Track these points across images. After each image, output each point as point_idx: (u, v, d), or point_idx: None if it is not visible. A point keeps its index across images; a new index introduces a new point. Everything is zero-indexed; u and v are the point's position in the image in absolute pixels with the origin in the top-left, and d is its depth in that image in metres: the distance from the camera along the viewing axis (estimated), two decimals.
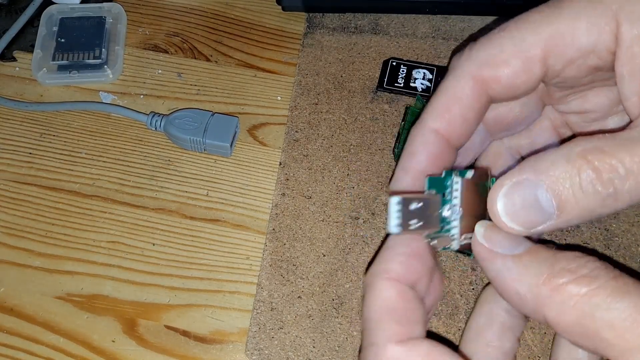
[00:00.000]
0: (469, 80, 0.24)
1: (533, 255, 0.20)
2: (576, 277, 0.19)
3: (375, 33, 0.42)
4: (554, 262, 0.20)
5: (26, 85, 0.40)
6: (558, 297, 0.19)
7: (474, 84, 0.24)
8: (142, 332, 0.32)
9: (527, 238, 0.22)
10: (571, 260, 0.19)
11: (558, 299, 0.19)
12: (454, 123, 0.24)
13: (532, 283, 0.20)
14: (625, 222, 0.35)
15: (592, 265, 0.19)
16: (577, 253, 0.20)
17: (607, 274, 0.19)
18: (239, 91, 0.40)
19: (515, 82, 0.23)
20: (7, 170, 0.37)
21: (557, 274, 0.19)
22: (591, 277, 0.19)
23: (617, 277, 0.18)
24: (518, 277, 0.20)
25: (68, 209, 0.36)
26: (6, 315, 0.33)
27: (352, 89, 0.40)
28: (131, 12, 0.43)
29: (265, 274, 0.34)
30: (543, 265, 0.20)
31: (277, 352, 0.31)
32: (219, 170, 0.37)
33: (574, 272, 0.19)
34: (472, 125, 0.25)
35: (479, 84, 0.24)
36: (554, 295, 0.19)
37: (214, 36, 0.43)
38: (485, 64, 0.23)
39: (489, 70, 0.23)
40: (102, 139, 0.38)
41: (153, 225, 0.35)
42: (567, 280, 0.19)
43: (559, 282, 0.19)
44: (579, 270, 0.19)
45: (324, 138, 0.38)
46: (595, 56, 0.22)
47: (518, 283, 0.20)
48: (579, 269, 0.19)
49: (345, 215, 0.35)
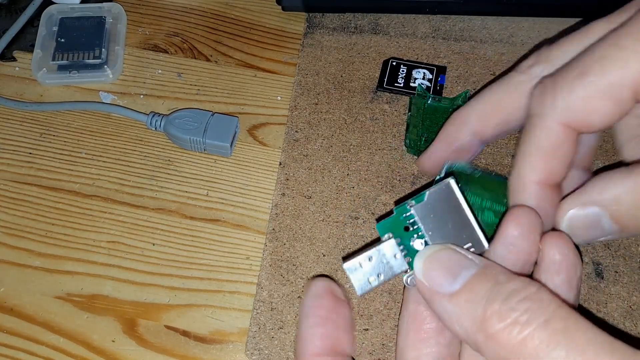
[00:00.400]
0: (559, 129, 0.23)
1: (470, 291, 0.20)
2: (507, 323, 0.18)
3: (375, 33, 0.42)
4: (489, 302, 0.19)
5: (26, 85, 0.40)
6: (492, 347, 0.18)
7: (565, 130, 0.23)
8: (142, 332, 0.32)
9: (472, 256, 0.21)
10: (505, 300, 0.19)
11: (493, 348, 0.18)
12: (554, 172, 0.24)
13: (469, 328, 0.19)
14: None
15: (524, 306, 0.18)
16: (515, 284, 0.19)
17: (538, 318, 0.18)
18: (239, 91, 0.40)
19: (608, 122, 0.23)
20: (7, 170, 0.37)
21: (489, 319, 0.19)
22: (521, 323, 0.18)
23: (549, 321, 0.18)
24: (456, 321, 0.20)
25: (68, 209, 0.36)
26: (6, 315, 0.33)
27: (352, 89, 0.40)
28: (131, 12, 0.43)
29: (265, 274, 0.34)
30: (478, 307, 0.19)
31: (277, 352, 0.31)
32: (219, 170, 0.37)
33: (505, 317, 0.18)
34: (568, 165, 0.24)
35: (569, 130, 0.23)
36: (489, 344, 0.19)
37: (214, 36, 0.43)
38: (574, 111, 0.22)
39: (579, 119, 0.22)
40: (102, 139, 0.38)
41: (153, 225, 0.35)
42: (499, 327, 0.18)
43: (491, 331, 0.18)
44: (509, 314, 0.18)
45: (324, 138, 0.38)
46: None
47: (457, 327, 0.20)
48: (510, 312, 0.18)
49: (345, 215, 0.35)
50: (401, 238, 0.23)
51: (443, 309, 0.20)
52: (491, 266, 0.21)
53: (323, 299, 0.23)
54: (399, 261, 0.23)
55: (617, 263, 0.34)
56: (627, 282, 0.33)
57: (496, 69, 0.40)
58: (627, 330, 0.32)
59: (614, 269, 0.33)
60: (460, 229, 0.23)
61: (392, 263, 0.23)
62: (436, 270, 0.21)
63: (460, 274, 0.20)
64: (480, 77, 0.40)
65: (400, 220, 0.23)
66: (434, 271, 0.21)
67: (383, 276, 0.23)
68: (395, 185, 0.36)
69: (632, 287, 0.33)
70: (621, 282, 0.33)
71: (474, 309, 0.19)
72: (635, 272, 0.33)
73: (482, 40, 0.42)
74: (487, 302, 0.19)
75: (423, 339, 0.23)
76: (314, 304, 0.23)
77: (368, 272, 0.23)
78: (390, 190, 0.36)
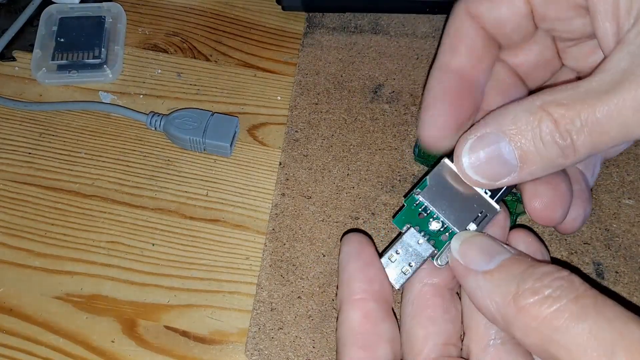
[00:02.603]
0: (465, 16, 0.25)
1: (504, 271, 0.21)
2: (539, 298, 0.19)
3: (375, 33, 0.42)
4: (522, 280, 0.20)
5: (25, 85, 0.40)
6: (522, 319, 0.19)
7: (470, 19, 0.25)
8: (142, 332, 0.32)
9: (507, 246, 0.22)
10: (538, 279, 0.20)
11: (522, 320, 0.19)
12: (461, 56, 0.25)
13: (500, 303, 0.20)
14: (625, 222, 0.35)
15: (556, 284, 0.19)
16: (548, 268, 0.20)
17: (569, 294, 0.19)
18: (239, 91, 0.40)
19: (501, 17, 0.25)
20: (6, 170, 0.37)
21: (522, 294, 0.19)
22: (553, 298, 0.19)
23: (579, 297, 0.19)
24: (488, 295, 0.21)
25: (67, 209, 0.36)
26: (6, 316, 0.33)
27: (352, 89, 0.40)
28: (131, 11, 0.43)
29: (265, 274, 0.33)
30: (512, 284, 0.20)
31: (277, 353, 0.31)
32: (218, 170, 0.37)
33: (537, 292, 0.19)
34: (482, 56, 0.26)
35: (474, 18, 0.25)
36: (519, 317, 0.19)
37: (214, 36, 0.42)
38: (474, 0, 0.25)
39: (477, 5, 0.25)
40: (101, 139, 0.38)
41: (152, 225, 0.35)
42: (531, 301, 0.19)
43: (523, 304, 0.19)
44: (542, 291, 0.19)
45: (324, 138, 0.38)
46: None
47: (488, 301, 0.21)
48: (543, 288, 0.19)
49: (345, 215, 0.35)
50: (419, 225, 0.24)
51: (476, 284, 0.21)
52: (524, 255, 0.22)
53: (365, 247, 0.24)
54: (424, 246, 0.24)
55: (617, 263, 0.33)
56: (627, 282, 0.33)
57: None
58: None
59: (614, 269, 0.33)
60: (470, 200, 0.24)
61: (418, 250, 0.24)
62: (473, 250, 0.22)
63: (495, 256, 0.21)
64: None
65: (413, 210, 0.25)
66: (471, 251, 0.22)
67: (414, 264, 0.24)
68: (396, 185, 0.36)
69: (633, 288, 0.33)
70: (622, 282, 0.33)
71: (508, 285, 0.20)
72: (636, 273, 0.33)
73: None
74: (520, 280, 0.20)
75: (430, 317, 0.24)
76: (356, 251, 0.24)
77: (400, 264, 0.24)
78: (390, 190, 0.36)
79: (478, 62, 0.26)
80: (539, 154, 0.21)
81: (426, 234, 0.24)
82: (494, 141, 0.22)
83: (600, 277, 0.33)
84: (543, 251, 0.25)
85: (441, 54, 0.26)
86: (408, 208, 0.25)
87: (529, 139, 0.21)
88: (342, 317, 0.23)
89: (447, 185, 0.24)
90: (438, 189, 0.24)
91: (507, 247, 0.22)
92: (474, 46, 0.25)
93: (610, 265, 0.33)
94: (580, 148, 0.21)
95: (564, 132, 0.20)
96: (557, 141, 0.21)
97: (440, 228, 0.24)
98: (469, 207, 0.24)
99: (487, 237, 0.23)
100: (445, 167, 0.25)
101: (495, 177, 0.22)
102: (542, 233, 0.34)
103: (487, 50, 0.26)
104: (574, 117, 0.20)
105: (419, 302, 0.24)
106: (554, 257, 0.34)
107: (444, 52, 0.26)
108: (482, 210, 0.24)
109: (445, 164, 0.25)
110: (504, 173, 0.22)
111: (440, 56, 0.26)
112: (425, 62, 0.40)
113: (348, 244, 0.25)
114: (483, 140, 0.22)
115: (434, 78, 0.25)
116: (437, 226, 0.24)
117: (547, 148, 0.21)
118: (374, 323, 0.23)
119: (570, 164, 0.21)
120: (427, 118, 0.25)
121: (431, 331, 0.23)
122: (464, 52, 0.25)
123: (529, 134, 0.21)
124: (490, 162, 0.22)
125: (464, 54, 0.25)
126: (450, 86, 0.25)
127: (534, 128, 0.21)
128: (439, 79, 0.25)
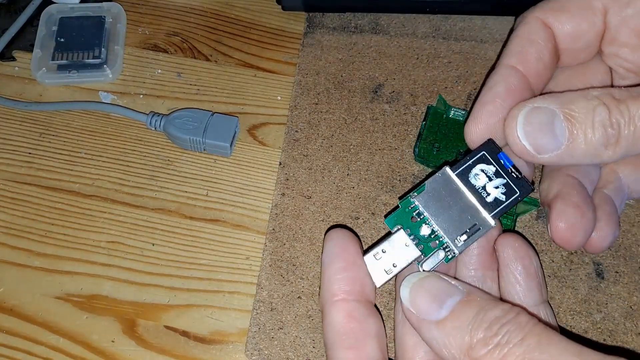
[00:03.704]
0: (539, 23, 0.26)
1: (456, 319, 0.21)
2: (489, 348, 0.20)
3: (375, 33, 0.42)
4: (474, 329, 0.20)
5: (25, 85, 0.40)
6: None
7: (544, 27, 0.26)
8: (142, 332, 0.32)
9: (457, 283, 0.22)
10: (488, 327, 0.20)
11: None
12: (529, 60, 0.26)
13: (456, 354, 0.21)
14: (625, 222, 0.35)
15: (504, 330, 0.20)
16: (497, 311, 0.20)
17: (516, 337, 0.19)
18: (239, 91, 0.40)
19: (579, 30, 0.26)
20: (6, 170, 0.37)
21: (475, 347, 0.20)
22: (502, 345, 0.19)
23: (524, 339, 0.19)
24: (444, 346, 0.21)
25: (68, 209, 0.36)
26: (6, 316, 0.33)
27: (352, 89, 0.40)
28: (131, 11, 0.43)
29: (265, 274, 0.33)
30: (464, 334, 0.20)
31: (277, 353, 0.31)
32: (218, 170, 0.37)
33: (488, 343, 0.20)
34: (547, 65, 0.26)
35: (547, 27, 0.26)
36: None
37: (214, 36, 0.42)
38: (551, 9, 0.26)
39: (554, 15, 0.26)
40: (101, 139, 0.38)
41: (153, 225, 0.35)
42: (482, 353, 0.20)
43: (476, 356, 0.20)
44: (492, 340, 0.20)
45: (324, 138, 0.38)
46: None
47: (445, 352, 0.21)
48: (493, 337, 0.20)
49: (345, 215, 0.35)
50: (410, 228, 0.24)
51: (431, 336, 0.21)
52: (474, 292, 0.22)
53: (347, 245, 0.24)
54: (411, 249, 0.24)
55: (617, 263, 0.33)
56: (627, 282, 0.33)
57: None
58: (627, 331, 0.32)
59: (614, 269, 0.33)
60: (464, 212, 0.24)
61: (405, 252, 0.24)
62: (423, 298, 0.22)
63: (446, 301, 0.22)
64: (480, 77, 0.40)
65: (407, 212, 0.24)
66: (420, 299, 0.22)
67: (398, 265, 0.24)
68: (396, 185, 0.36)
69: (633, 287, 0.33)
70: (621, 282, 0.33)
71: (461, 335, 0.20)
72: (636, 273, 0.33)
73: (483, 40, 0.41)
74: (472, 329, 0.20)
75: None
76: (338, 250, 0.24)
77: (383, 263, 0.24)
78: (390, 190, 0.36)
79: (544, 70, 0.26)
80: (586, 137, 0.22)
81: (415, 237, 0.24)
82: (549, 114, 0.23)
83: (600, 277, 0.33)
84: (531, 255, 0.25)
85: (509, 55, 0.26)
86: (402, 210, 0.25)
87: (582, 121, 0.22)
88: (326, 320, 0.24)
89: (445, 193, 0.24)
90: (435, 195, 0.24)
91: (457, 286, 0.22)
92: (542, 54, 0.26)
93: (610, 265, 0.33)
94: (622, 141, 0.22)
95: (614, 121, 0.22)
96: (607, 128, 0.22)
97: (430, 234, 0.24)
98: (464, 217, 0.24)
99: (436, 278, 0.23)
100: (446, 175, 0.25)
101: (541, 148, 0.23)
102: (542, 232, 0.34)
103: (552, 61, 0.27)
104: (624, 110, 0.21)
105: None
106: (554, 257, 0.34)
107: (513, 53, 0.26)
108: (476, 223, 0.24)
109: (446, 171, 0.25)
110: (550, 148, 0.23)
111: (508, 57, 0.26)
112: (425, 62, 0.40)
113: (330, 241, 0.25)
114: (540, 111, 0.23)
115: (499, 75, 0.26)
116: (427, 232, 0.24)
117: (596, 134, 0.22)
118: (358, 321, 0.23)
119: (607, 158, 0.22)
120: (483, 112, 0.25)
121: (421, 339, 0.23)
122: (533, 59, 0.26)
123: (583, 117, 0.22)
124: (541, 132, 0.23)
125: (533, 61, 0.26)
126: (515, 88, 0.25)
127: (588, 112, 0.22)
128: (505, 78, 0.26)
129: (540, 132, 0.23)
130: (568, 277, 0.33)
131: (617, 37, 0.26)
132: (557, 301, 0.33)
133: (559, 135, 0.22)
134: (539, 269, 0.25)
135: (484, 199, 0.24)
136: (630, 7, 0.25)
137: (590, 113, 0.22)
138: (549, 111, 0.23)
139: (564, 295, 0.33)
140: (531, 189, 0.25)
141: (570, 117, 0.22)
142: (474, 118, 0.25)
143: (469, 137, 0.26)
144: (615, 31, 0.26)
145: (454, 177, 0.24)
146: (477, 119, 0.25)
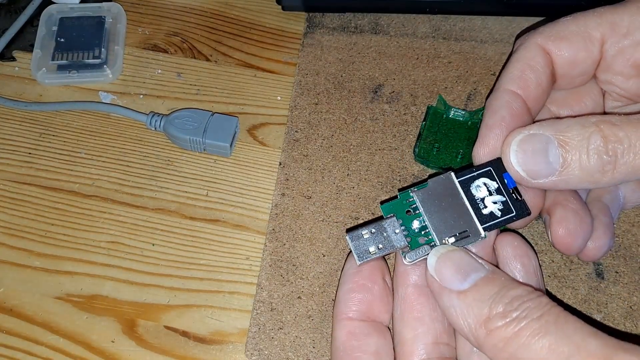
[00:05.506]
0: (539, 49, 0.27)
1: (477, 292, 0.21)
2: (507, 320, 0.20)
3: (375, 33, 0.42)
4: (494, 303, 0.21)
5: (25, 85, 0.40)
6: (491, 340, 0.20)
7: (543, 53, 0.27)
8: (142, 332, 0.32)
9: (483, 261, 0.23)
10: (509, 303, 0.20)
11: (491, 341, 0.20)
12: (529, 86, 0.26)
13: (472, 325, 0.21)
14: (625, 222, 0.35)
15: (524, 306, 0.20)
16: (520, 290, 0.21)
17: (534, 314, 0.20)
18: (239, 91, 0.40)
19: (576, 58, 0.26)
20: (6, 170, 0.37)
21: (492, 318, 0.20)
22: (519, 318, 0.20)
23: (542, 315, 0.20)
24: (461, 316, 0.21)
25: (68, 209, 0.36)
26: (6, 316, 0.33)
27: (352, 89, 0.40)
28: (131, 11, 0.43)
29: (265, 275, 0.33)
30: (484, 307, 0.21)
31: (277, 353, 0.31)
32: (218, 170, 0.37)
33: (506, 316, 0.20)
34: (544, 90, 0.27)
35: (546, 54, 0.27)
36: (489, 338, 0.20)
37: (214, 36, 0.42)
38: (550, 36, 0.27)
39: (554, 42, 0.26)
40: (101, 139, 0.38)
41: (153, 225, 0.35)
42: (499, 324, 0.20)
43: (492, 327, 0.20)
44: (511, 314, 0.20)
45: (324, 138, 0.38)
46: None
47: (462, 321, 0.21)
48: (512, 311, 0.20)
49: (345, 215, 0.35)
50: (403, 220, 0.25)
51: (450, 304, 0.22)
52: (499, 272, 0.22)
53: (362, 268, 0.25)
54: (399, 237, 0.24)
55: (617, 263, 0.33)
56: (627, 282, 0.33)
57: (497, 69, 0.40)
58: (627, 331, 0.32)
59: (614, 269, 0.33)
60: (458, 217, 0.25)
61: (392, 238, 0.24)
62: (448, 268, 0.23)
63: (470, 274, 0.22)
64: (480, 77, 0.40)
65: (403, 204, 0.25)
66: (446, 269, 0.23)
67: (382, 248, 0.24)
68: (396, 185, 0.36)
69: (633, 288, 0.33)
70: (621, 282, 0.33)
71: (480, 307, 0.21)
72: (636, 273, 0.33)
73: (483, 40, 0.41)
74: (493, 303, 0.21)
75: (417, 317, 0.24)
76: (353, 272, 0.25)
77: (369, 243, 0.24)
78: (390, 190, 0.36)
79: (542, 95, 0.27)
80: (580, 163, 0.22)
81: (406, 229, 0.25)
82: (543, 141, 0.23)
83: (600, 277, 0.33)
84: (530, 254, 0.25)
85: (510, 80, 0.27)
86: (400, 201, 0.25)
87: (575, 147, 0.22)
88: (332, 335, 0.25)
89: (444, 195, 0.25)
90: (434, 194, 0.25)
91: (483, 263, 0.23)
92: (541, 80, 0.27)
93: (610, 265, 0.33)
94: (621, 167, 0.22)
95: (610, 148, 0.22)
96: (602, 155, 0.22)
97: (421, 230, 0.25)
98: (456, 222, 0.24)
99: (464, 253, 0.23)
100: (449, 180, 0.25)
101: (535, 174, 0.23)
102: (542, 232, 0.34)
103: (549, 85, 0.27)
104: (623, 138, 0.22)
105: (405, 304, 0.25)
106: (554, 258, 0.34)
107: (514, 78, 0.27)
108: (467, 230, 0.24)
109: (450, 176, 0.25)
110: (544, 173, 0.23)
111: (510, 82, 0.27)
112: (425, 62, 0.40)
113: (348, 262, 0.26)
114: (534, 138, 0.23)
115: (502, 100, 0.26)
116: (418, 226, 0.25)
117: (590, 160, 0.22)
118: (357, 339, 0.24)
119: (605, 183, 0.23)
120: (490, 135, 0.26)
121: (419, 332, 0.24)
122: (532, 85, 0.26)
123: (577, 143, 0.22)
124: (534, 159, 0.23)
125: (532, 87, 0.26)
126: (516, 112, 0.26)
127: (583, 139, 0.22)
128: (508, 102, 0.26)
129: (534, 159, 0.23)
130: (568, 277, 0.33)
131: (612, 65, 0.27)
132: (557, 301, 0.32)
133: (552, 161, 0.23)
134: (537, 268, 0.25)
135: (480, 210, 0.25)
136: (627, 38, 0.26)
137: (585, 139, 0.22)
138: (544, 137, 0.23)
139: (564, 295, 0.33)
140: (528, 213, 0.25)
141: (564, 143, 0.23)
142: (482, 141, 0.26)
143: (477, 159, 0.26)
144: (611, 60, 0.27)
145: (457, 183, 0.25)
146: (484, 142, 0.26)
